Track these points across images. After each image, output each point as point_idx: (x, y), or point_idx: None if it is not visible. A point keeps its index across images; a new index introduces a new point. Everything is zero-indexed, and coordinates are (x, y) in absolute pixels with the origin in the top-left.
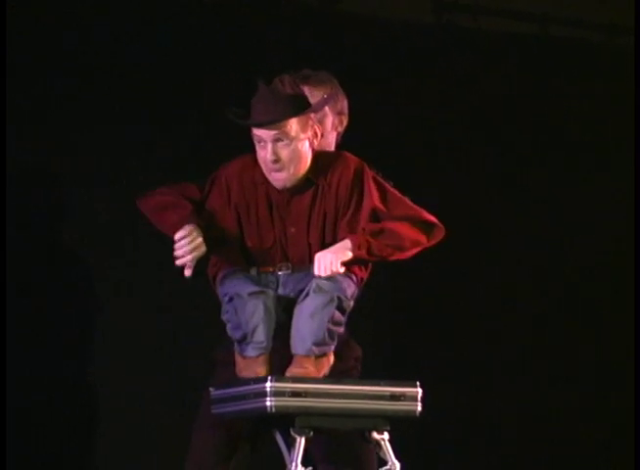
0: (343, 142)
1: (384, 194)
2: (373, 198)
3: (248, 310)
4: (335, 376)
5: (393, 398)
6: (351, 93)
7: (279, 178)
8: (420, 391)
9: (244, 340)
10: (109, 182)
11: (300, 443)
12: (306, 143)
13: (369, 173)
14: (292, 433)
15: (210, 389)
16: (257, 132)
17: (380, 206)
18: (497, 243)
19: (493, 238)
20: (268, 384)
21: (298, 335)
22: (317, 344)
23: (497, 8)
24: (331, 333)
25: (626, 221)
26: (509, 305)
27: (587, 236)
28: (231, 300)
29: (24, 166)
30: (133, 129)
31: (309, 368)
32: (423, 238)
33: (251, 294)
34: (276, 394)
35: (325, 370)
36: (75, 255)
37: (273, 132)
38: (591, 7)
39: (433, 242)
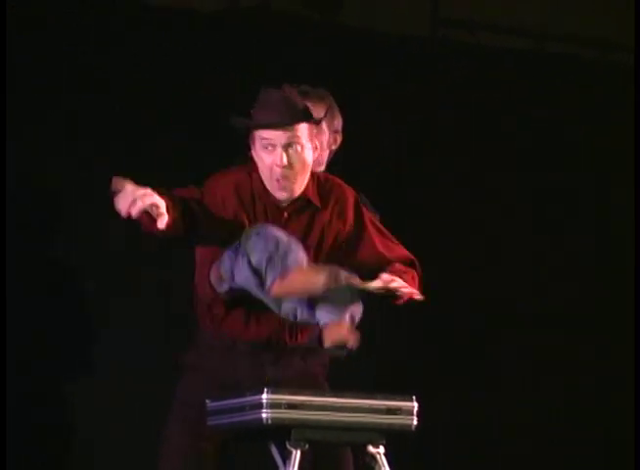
0: (342, 152)
1: (383, 236)
2: (375, 244)
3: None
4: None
5: (389, 411)
6: (348, 105)
7: (284, 187)
8: (416, 405)
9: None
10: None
11: (296, 455)
12: (311, 153)
13: (366, 211)
14: (287, 446)
15: (207, 401)
16: (268, 136)
17: (382, 252)
18: (494, 254)
19: (490, 248)
20: (264, 396)
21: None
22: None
23: (493, 23)
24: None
25: (626, 230)
26: (508, 317)
27: (587, 243)
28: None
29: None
30: (133, 136)
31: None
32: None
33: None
34: (272, 406)
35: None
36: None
37: (286, 135)
38: (587, 23)
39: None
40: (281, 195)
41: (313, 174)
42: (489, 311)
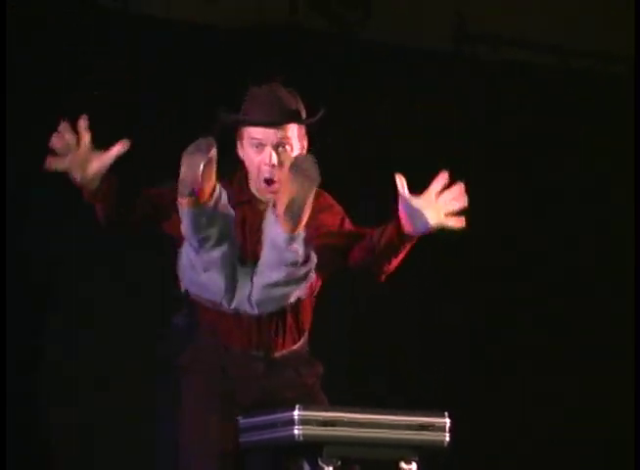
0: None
1: None
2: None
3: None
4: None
5: (422, 428)
6: (371, 121)
7: (271, 190)
8: (448, 421)
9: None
10: None
11: None
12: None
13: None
14: (319, 462)
15: (239, 418)
16: (257, 135)
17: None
18: (494, 254)
19: (490, 247)
20: (296, 412)
21: None
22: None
23: (517, 39)
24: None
25: (626, 230)
26: (544, 334)
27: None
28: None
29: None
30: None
31: None
32: None
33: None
34: (304, 422)
35: None
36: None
37: (277, 136)
38: (609, 38)
39: None
40: (269, 196)
41: None
42: (520, 331)
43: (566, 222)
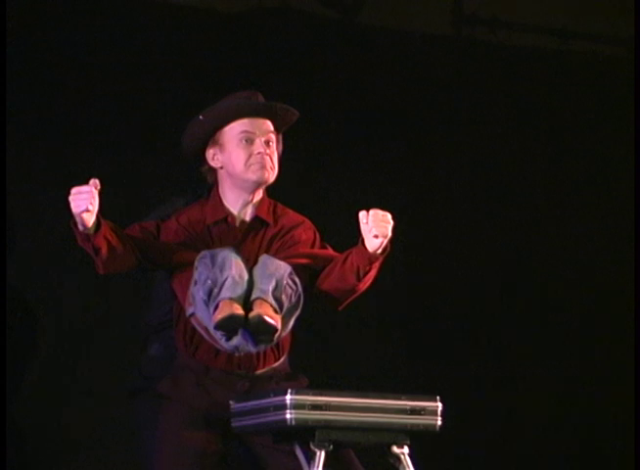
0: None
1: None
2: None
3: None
4: None
5: (414, 412)
6: (369, 105)
7: (263, 166)
8: (440, 405)
9: (214, 286)
10: None
11: (320, 456)
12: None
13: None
14: (311, 446)
15: (231, 402)
16: (248, 127)
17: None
18: (494, 254)
19: (490, 247)
20: (288, 396)
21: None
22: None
23: (516, 22)
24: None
25: (626, 229)
26: (535, 321)
27: (588, 245)
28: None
29: None
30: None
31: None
32: None
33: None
34: (296, 406)
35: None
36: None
37: (266, 129)
38: (610, 21)
39: None
40: (259, 175)
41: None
42: (516, 316)
43: (567, 212)
